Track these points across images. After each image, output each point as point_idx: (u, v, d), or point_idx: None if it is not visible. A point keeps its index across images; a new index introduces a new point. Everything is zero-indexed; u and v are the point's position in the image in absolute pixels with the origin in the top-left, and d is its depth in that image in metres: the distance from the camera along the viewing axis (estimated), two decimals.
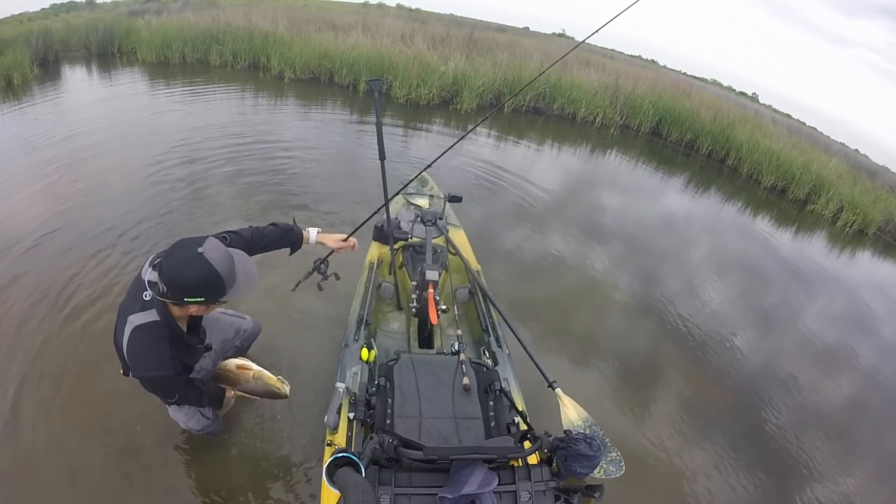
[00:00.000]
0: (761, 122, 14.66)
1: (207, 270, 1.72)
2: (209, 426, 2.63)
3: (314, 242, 2.50)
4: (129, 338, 1.86)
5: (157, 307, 1.85)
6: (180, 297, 1.75)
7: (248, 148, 7.06)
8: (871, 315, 6.76)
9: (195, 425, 2.57)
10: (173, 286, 1.73)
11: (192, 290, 1.74)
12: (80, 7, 17.36)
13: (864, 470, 3.90)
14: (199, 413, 2.54)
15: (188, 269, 1.71)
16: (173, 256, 1.73)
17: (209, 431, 2.69)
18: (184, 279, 1.72)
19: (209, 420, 2.60)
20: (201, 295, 1.76)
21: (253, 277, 1.91)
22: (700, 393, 4.23)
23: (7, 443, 2.77)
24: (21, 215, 4.78)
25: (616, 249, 6.30)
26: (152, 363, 1.88)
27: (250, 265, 1.93)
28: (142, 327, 1.85)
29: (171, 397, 2.09)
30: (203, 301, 1.79)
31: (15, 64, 8.81)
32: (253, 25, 12.04)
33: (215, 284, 1.76)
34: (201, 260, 1.71)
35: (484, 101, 11.36)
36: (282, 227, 2.36)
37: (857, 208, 10.32)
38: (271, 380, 2.37)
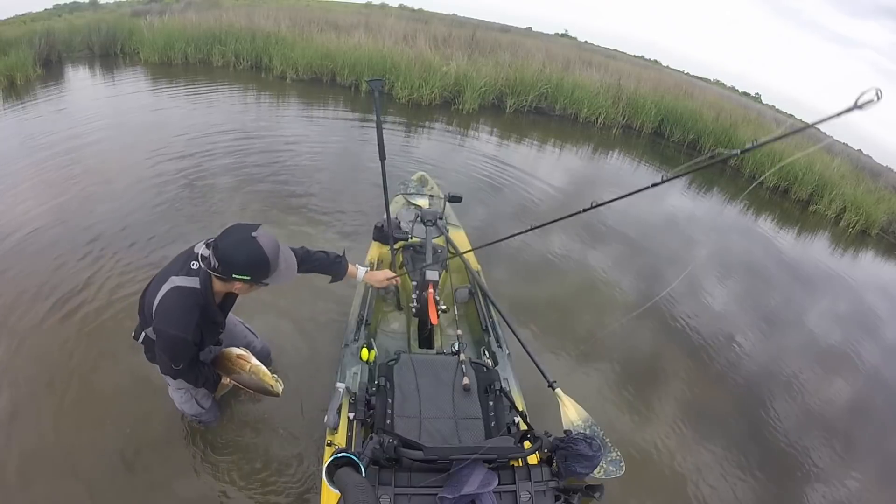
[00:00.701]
0: (764, 123, 14.62)
1: (258, 252, 1.87)
2: (203, 415, 2.75)
3: (360, 279, 2.68)
4: (165, 293, 1.98)
5: (202, 277, 1.99)
6: (229, 273, 1.89)
7: (250, 147, 7.08)
8: (874, 316, 6.74)
9: (189, 410, 2.67)
10: (225, 262, 1.87)
11: (241, 268, 1.88)
12: (84, 7, 17.41)
13: (867, 471, 3.89)
14: (194, 399, 2.63)
15: (241, 248, 1.87)
16: (230, 236, 1.89)
17: (202, 420, 2.79)
18: (237, 257, 1.87)
19: (203, 409, 2.70)
20: (248, 274, 1.90)
21: (293, 268, 2.07)
22: (701, 393, 4.22)
23: (12, 439, 2.79)
24: (23, 214, 4.79)
25: (617, 250, 6.29)
26: (179, 322, 1.97)
27: (292, 258, 2.08)
28: (181, 288, 1.98)
29: (177, 363, 2.11)
30: (249, 280, 1.93)
31: (18, 64, 8.85)
32: (255, 26, 12.07)
33: (262, 266, 1.90)
34: (254, 243, 1.87)
35: (486, 102, 11.36)
36: (332, 256, 2.51)
37: (860, 209, 10.29)
38: (266, 376, 2.37)
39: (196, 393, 2.62)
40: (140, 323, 2.24)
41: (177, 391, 2.58)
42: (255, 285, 1.99)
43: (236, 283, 1.97)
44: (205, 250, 1.95)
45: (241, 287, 2.00)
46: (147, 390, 3.11)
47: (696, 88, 16.72)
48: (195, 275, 1.99)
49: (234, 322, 2.75)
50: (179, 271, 2.01)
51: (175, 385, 2.55)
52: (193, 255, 2.01)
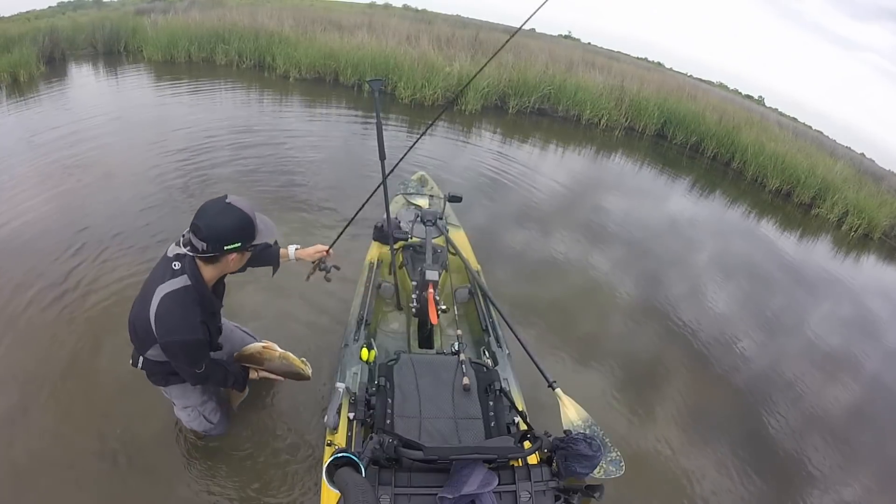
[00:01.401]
0: (767, 126, 14.60)
1: (241, 215, 1.86)
2: (212, 430, 2.70)
3: (293, 259, 2.58)
4: (157, 305, 1.90)
5: (189, 271, 1.93)
6: (221, 247, 1.86)
7: (252, 145, 7.10)
8: (876, 320, 6.72)
9: (198, 427, 2.63)
10: (213, 238, 1.83)
11: (230, 236, 1.85)
12: (88, 5, 17.48)
13: (867, 476, 3.88)
14: (202, 416, 2.58)
15: (224, 217, 1.85)
16: (206, 213, 1.85)
17: (212, 434, 2.75)
18: (223, 227, 1.84)
19: (212, 424, 2.65)
20: (238, 240, 1.87)
21: (271, 225, 2.04)
22: (702, 395, 4.21)
23: (9, 438, 2.79)
24: (23, 210, 4.81)
25: (619, 251, 6.28)
26: (183, 326, 1.92)
27: (268, 220, 2.05)
28: (172, 293, 1.91)
29: (198, 365, 2.08)
30: (240, 246, 1.89)
31: (22, 61, 8.87)
32: (259, 25, 12.09)
33: (248, 227, 1.89)
34: (233, 208, 1.86)
35: (488, 103, 11.36)
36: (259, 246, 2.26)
37: (863, 212, 10.25)
38: (296, 361, 2.46)
39: (203, 409, 2.57)
40: (136, 348, 2.16)
41: (183, 410, 2.53)
42: (245, 253, 1.97)
43: (230, 257, 1.92)
44: (178, 249, 1.93)
45: (234, 259, 1.95)
46: (146, 388, 3.12)
47: (699, 91, 16.70)
48: (181, 273, 1.93)
49: (230, 328, 2.68)
50: (163, 279, 1.93)
51: (181, 404, 2.50)
52: (168, 260, 1.96)
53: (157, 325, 1.92)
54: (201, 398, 2.53)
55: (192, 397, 2.48)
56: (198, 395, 2.50)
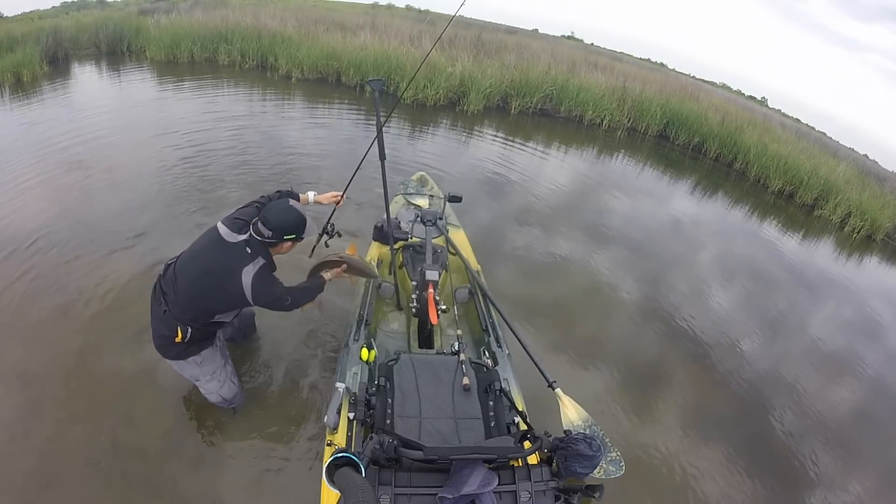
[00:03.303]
0: (770, 126, 14.56)
1: (299, 215, 2.43)
2: (239, 395, 2.98)
3: (312, 202, 3.01)
4: (254, 280, 2.37)
5: (262, 253, 2.42)
6: (281, 236, 2.39)
7: (254, 144, 7.12)
8: (879, 322, 6.70)
9: (227, 393, 2.87)
10: (278, 228, 2.36)
11: (290, 228, 2.40)
12: (91, 5, 17.50)
13: (869, 478, 3.87)
14: (229, 379, 2.86)
15: (288, 215, 2.40)
16: (273, 210, 2.40)
17: (236, 403, 3.00)
18: (286, 222, 2.38)
19: (236, 385, 2.93)
20: (294, 232, 2.42)
21: (313, 225, 2.53)
22: (702, 396, 4.21)
23: (22, 436, 2.81)
24: (26, 209, 4.83)
25: (621, 252, 6.27)
26: (277, 290, 2.48)
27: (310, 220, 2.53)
28: (260, 271, 2.39)
29: (286, 302, 2.52)
30: (294, 237, 2.44)
31: (25, 61, 8.91)
32: (261, 25, 12.09)
33: (303, 224, 2.44)
34: (293, 209, 2.43)
35: (491, 103, 11.36)
36: (284, 192, 2.83)
37: (866, 214, 10.22)
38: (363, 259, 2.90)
39: (226, 370, 2.84)
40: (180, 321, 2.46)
41: (211, 380, 2.77)
42: (296, 242, 2.49)
43: (285, 244, 2.46)
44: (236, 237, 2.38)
45: (287, 246, 2.50)
46: (154, 385, 3.14)
47: (701, 91, 16.67)
48: (256, 256, 2.39)
49: None
50: (243, 263, 2.36)
51: (209, 370, 2.74)
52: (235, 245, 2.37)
53: (255, 293, 2.38)
54: (222, 360, 2.81)
55: (217, 360, 2.77)
56: (219, 357, 2.79)
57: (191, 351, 2.59)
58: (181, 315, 2.44)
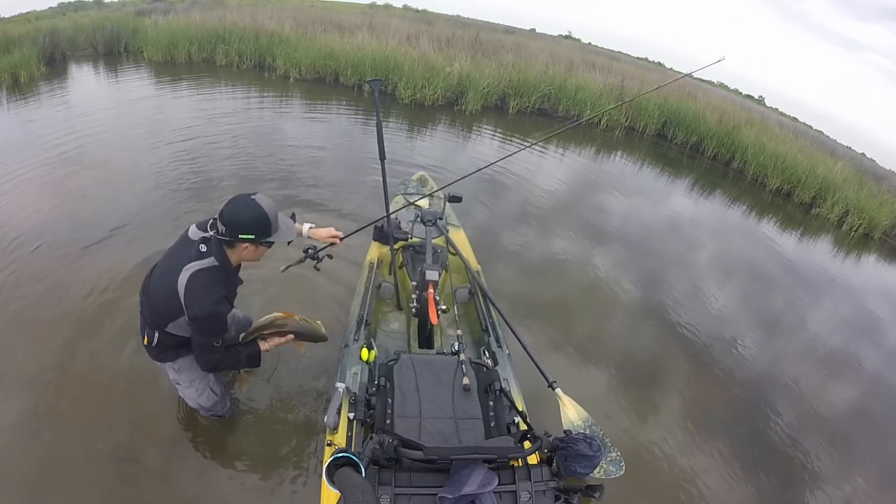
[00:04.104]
0: (767, 125, 14.59)
1: (259, 211, 2.07)
2: (218, 404, 2.75)
3: (306, 235, 2.71)
4: (188, 280, 2.09)
5: (216, 253, 2.14)
6: (235, 234, 2.06)
7: (252, 145, 7.11)
8: (877, 320, 6.72)
9: (205, 402, 2.67)
10: (231, 224, 2.05)
11: (246, 227, 2.06)
12: (88, 6, 17.46)
13: (868, 476, 3.88)
14: (208, 388, 2.65)
15: (245, 210, 2.07)
16: (232, 203, 2.08)
17: (217, 411, 2.80)
18: (241, 218, 2.06)
19: (217, 396, 2.71)
20: (252, 232, 2.08)
21: (291, 229, 2.26)
22: (702, 395, 4.21)
23: (21, 441, 2.80)
24: (24, 210, 4.81)
25: (620, 251, 6.28)
26: (210, 299, 2.10)
27: (290, 221, 2.29)
28: (202, 270, 2.12)
29: (218, 339, 2.22)
30: (254, 238, 2.09)
31: (22, 62, 8.88)
32: (259, 25, 12.08)
33: (264, 224, 2.09)
34: (254, 203, 2.08)
35: (489, 103, 11.36)
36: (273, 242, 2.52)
37: (863, 212, 10.25)
38: (314, 323, 2.52)
39: (208, 380, 2.65)
40: (150, 325, 2.28)
41: (190, 385, 2.59)
42: (259, 246, 2.15)
43: (243, 246, 2.12)
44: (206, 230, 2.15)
45: (247, 249, 2.14)
46: (152, 389, 3.13)
47: (699, 91, 16.68)
48: (208, 255, 2.13)
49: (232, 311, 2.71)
50: (189, 259, 2.12)
51: (188, 378, 2.56)
52: (191, 242, 2.16)
53: (186, 297, 2.09)
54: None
55: (197, 368, 2.52)
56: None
57: (166, 356, 2.43)
58: (149, 318, 2.28)
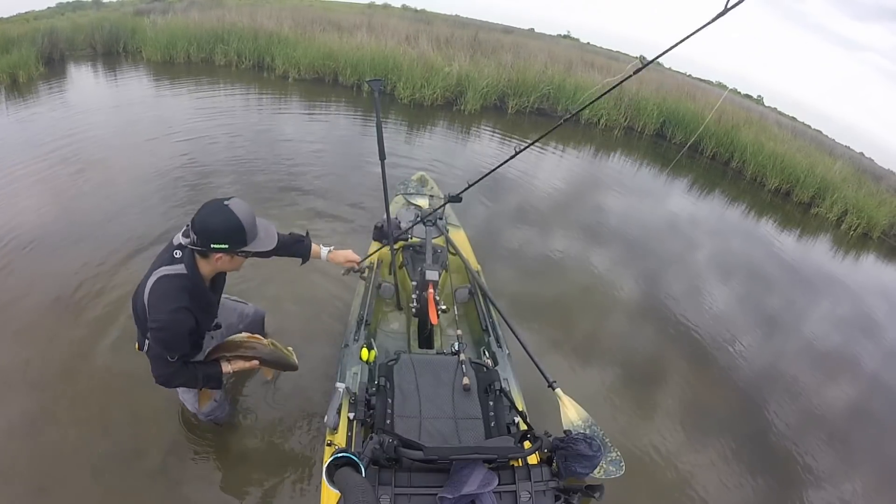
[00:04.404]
0: (766, 125, 14.60)
1: (231, 219, 1.90)
2: (217, 409, 2.74)
3: (325, 259, 2.69)
4: (152, 284, 1.99)
5: (187, 261, 2.00)
6: (207, 244, 1.91)
7: (251, 145, 7.11)
8: (876, 319, 6.72)
9: (204, 408, 2.66)
10: (202, 233, 1.90)
11: (217, 236, 1.91)
12: (87, 6, 17.42)
13: (868, 475, 3.89)
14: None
15: (215, 217, 1.91)
16: (204, 209, 1.93)
17: (215, 416, 2.79)
18: (211, 226, 1.89)
19: (216, 403, 2.70)
20: (225, 241, 1.92)
21: (273, 237, 2.09)
22: (702, 395, 4.22)
23: (24, 443, 2.80)
24: (23, 211, 4.80)
25: (619, 251, 6.28)
26: (168, 306, 1.96)
27: (271, 226, 2.12)
28: (168, 276, 1.99)
29: (171, 353, 2.03)
30: (227, 248, 1.94)
31: (21, 62, 8.85)
32: (258, 25, 12.07)
33: (238, 232, 1.93)
34: (227, 210, 1.91)
35: (488, 103, 11.36)
36: (295, 236, 2.56)
37: (862, 212, 10.27)
38: (283, 349, 2.38)
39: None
40: (140, 331, 2.21)
41: (187, 392, 2.55)
42: (235, 256, 2.01)
43: (216, 256, 1.98)
44: (183, 238, 2.00)
45: (222, 260, 2.00)
46: (152, 390, 3.10)
47: (697, 90, 16.69)
48: (179, 262, 2.01)
49: (230, 306, 2.79)
50: (163, 263, 2.02)
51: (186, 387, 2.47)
52: (172, 247, 2.05)
53: (149, 304, 2.00)
54: None
55: None
56: None
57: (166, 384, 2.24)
58: (137, 324, 2.19)
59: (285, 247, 2.48)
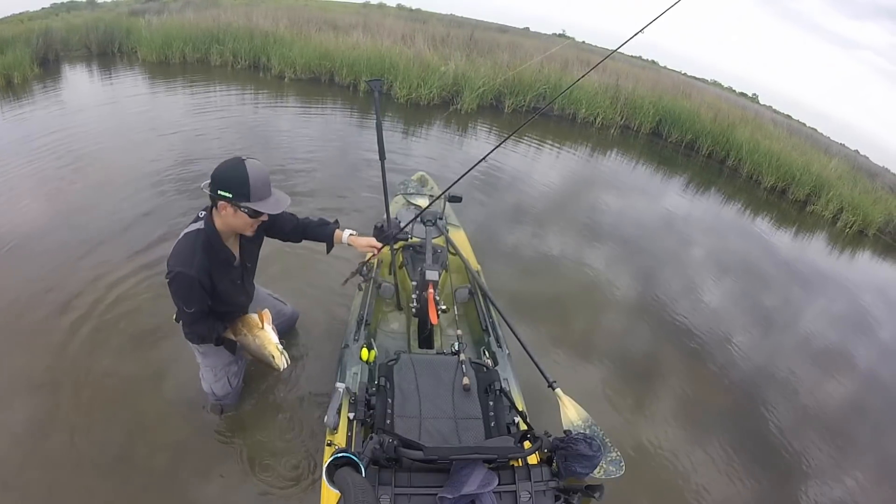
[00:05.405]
0: (761, 123, 14.65)
1: (240, 170, 2.01)
2: (230, 395, 2.92)
3: (346, 242, 2.70)
4: (179, 241, 2.15)
5: (205, 217, 2.16)
6: (215, 189, 2.04)
7: (248, 145, 7.10)
8: (871, 316, 6.75)
9: (219, 390, 2.83)
10: (213, 179, 2.04)
11: (223, 183, 2.02)
12: (81, 6, 17.36)
13: (864, 470, 3.90)
14: (226, 378, 2.79)
15: (227, 165, 2.04)
16: (223, 161, 2.06)
17: (226, 403, 2.94)
18: (221, 173, 2.03)
19: (231, 388, 2.86)
20: (229, 189, 2.02)
21: (281, 206, 2.16)
22: (700, 393, 4.23)
23: (28, 444, 2.79)
24: (20, 213, 4.79)
25: (616, 250, 6.29)
26: (181, 259, 2.09)
27: (285, 200, 2.20)
28: (187, 233, 2.16)
29: (188, 305, 2.18)
30: (231, 197, 2.02)
31: (16, 63, 8.81)
32: (253, 25, 12.04)
33: (242, 185, 2.02)
34: (239, 163, 2.03)
35: (484, 102, 11.37)
36: (322, 220, 2.68)
37: (858, 209, 10.31)
38: (270, 346, 2.33)
39: (228, 370, 2.76)
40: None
41: (211, 371, 2.71)
42: (238, 210, 2.07)
43: (221, 205, 2.07)
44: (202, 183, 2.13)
45: (226, 211, 2.08)
46: (152, 391, 3.13)
47: (693, 89, 16.73)
48: (199, 220, 2.17)
49: (262, 295, 2.96)
50: (189, 224, 2.19)
51: (211, 363, 2.68)
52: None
53: (172, 253, 2.14)
54: (230, 358, 2.71)
55: (223, 356, 2.67)
56: (227, 355, 2.66)
57: (191, 338, 2.50)
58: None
59: (310, 228, 2.62)
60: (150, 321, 3.57)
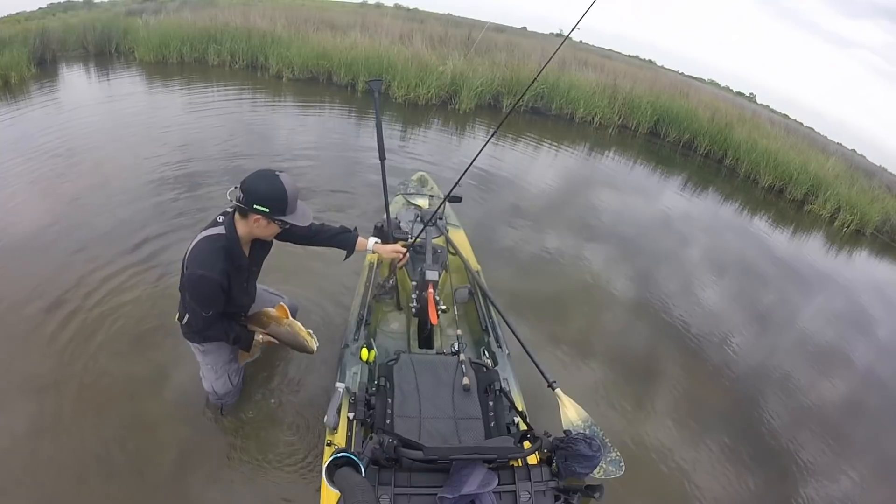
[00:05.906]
0: (759, 123, 14.68)
1: (278, 186, 2.07)
2: (230, 394, 2.92)
3: (370, 250, 2.80)
4: (193, 245, 2.17)
5: (226, 223, 2.18)
6: (250, 203, 2.07)
7: (246, 146, 7.08)
8: (868, 315, 6.78)
9: (220, 388, 2.83)
10: (248, 192, 2.07)
11: (261, 197, 2.06)
12: (78, 6, 17.33)
13: (862, 469, 3.91)
14: (226, 375, 2.79)
15: (265, 180, 2.08)
16: (256, 173, 2.11)
17: (227, 402, 2.94)
18: (259, 188, 2.06)
19: (232, 386, 2.86)
20: (267, 205, 2.07)
21: (308, 215, 2.22)
22: (699, 393, 4.23)
23: (26, 445, 2.78)
24: (17, 213, 4.77)
25: (615, 249, 6.30)
26: (205, 262, 2.12)
27: (308, 208, 2.25)
28: (207, 237, 2.16)
29: (206, 308, 2.23)
30: (267, 212, 2.08)
31: (12, 63, 8.77)
32: (251, 25, 12.01)
33: (280, 198, 2.08)
34: (276, 178, 2.08)
35: (482, 102, 11.37)
36: (342, 227, 2.72)
37: (855, 208, 10.35)
38: (302, 331, 2.49)
39: (229, 368, 2.77)
40: (183, 301, 2.39)
41: (211, 369, 2.72)
42: (272, 222, 2.14)
43: (255, 217, 2.11)
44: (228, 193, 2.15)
45: (259, 223, 2.13)
46: (153, 391, 3.13)
47: (691, 88, 16.76)
48: (221, 224, 2.18)
49: (260, 292, 2.90)
50: (206, 228, 2.20)
51: (212, 361, 2.68)
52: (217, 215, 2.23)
53: (187, 261, 2.16)
54: (230, 356, 2.75)
55: (223, 354, 2.69)
56: (227, 353, 2.71)
57: (193, 337, 2.54)
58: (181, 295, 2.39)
59: (332, 236, 2.68)
60: (150, 321, 3.57)
